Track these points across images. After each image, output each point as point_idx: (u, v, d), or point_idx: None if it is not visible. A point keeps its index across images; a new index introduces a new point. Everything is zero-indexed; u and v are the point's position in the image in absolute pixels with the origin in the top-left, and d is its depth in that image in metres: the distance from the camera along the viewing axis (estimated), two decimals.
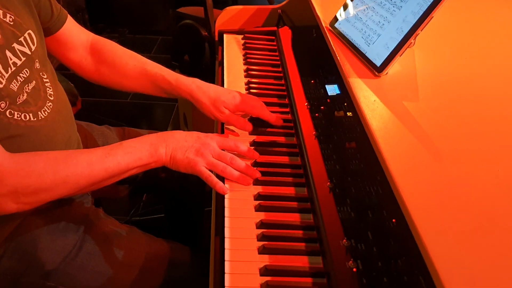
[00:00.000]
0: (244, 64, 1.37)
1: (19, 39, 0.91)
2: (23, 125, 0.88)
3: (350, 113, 1.06)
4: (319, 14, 1.20)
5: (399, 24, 0.93)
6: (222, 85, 1.28)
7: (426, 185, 0.71)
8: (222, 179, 0.94)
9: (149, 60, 1.17)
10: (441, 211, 0.66)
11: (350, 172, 0.92)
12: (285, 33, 1.48)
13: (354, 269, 0.74)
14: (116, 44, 1.21)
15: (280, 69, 1.34)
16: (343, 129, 1.03)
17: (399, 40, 0.92)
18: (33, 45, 0.95)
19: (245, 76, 1.31)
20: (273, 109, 1.17)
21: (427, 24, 0.88)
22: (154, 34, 3.76)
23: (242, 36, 1.52)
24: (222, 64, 1.38)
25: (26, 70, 0.92)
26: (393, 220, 0.80)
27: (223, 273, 0.77)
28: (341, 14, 1.11)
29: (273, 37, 1.51)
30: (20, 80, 0.90)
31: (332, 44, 1.07)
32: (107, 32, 3.74)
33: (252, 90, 1.24)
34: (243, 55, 1.41)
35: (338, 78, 1.15)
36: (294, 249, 0.81)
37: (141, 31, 3.79)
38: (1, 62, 0.85)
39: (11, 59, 0.88)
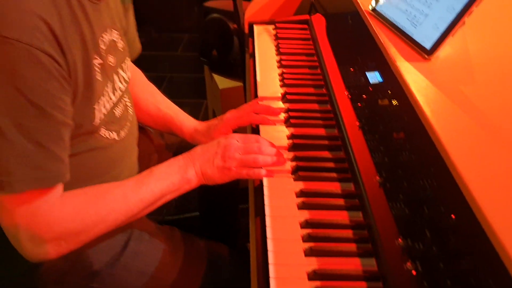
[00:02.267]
0: (277, 54, 1.31)
1: (122, 65, 0.94)
2: (107, 141, 0.90)
3: (396, 100, 0.99)
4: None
5: (449, 2, 0.85)
6: (255, 77, 1.22)
7: (492, 175, 0.63)
8: None
9: (163, 99, 1.21)
10: None
11: (401, 164, 0.84)
12: (318, 21, 1.40)
13: (413, 272, 0.67)
14: (142, 76, 1.24)
15: (315, 58, 1.27)
16: (389, 118, 0.95)
17: (451, 19, 0.84)
18: (129, 72, 0.99)
19: (279, 67, 1.25)
20: (310, 99, 1.11)
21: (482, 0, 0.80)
22: (180, 32, 3.72)
23: (273, 26, 1.45)
24: (254, 56, 1.32)
25: (126, 95, 0.97)
26: (452, 216, 0.73)
27: (268, 277, 0.71)
28: None
29: (306, 26, 1.44)
30: (120, 105, 0.94)
31: (374, 28, 0.99)
32: None
33: (286, 81, 1.17)
34: (275, 46, 1.35)
35: (380, 64, 1.07)
36: (344, 250, 0.74)
37: (167, 30, 3.77)
38: (111, 87, 0.88)
39: (117, 83, 0.91)
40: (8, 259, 0.88)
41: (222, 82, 1.98)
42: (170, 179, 0.87)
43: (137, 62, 1.37)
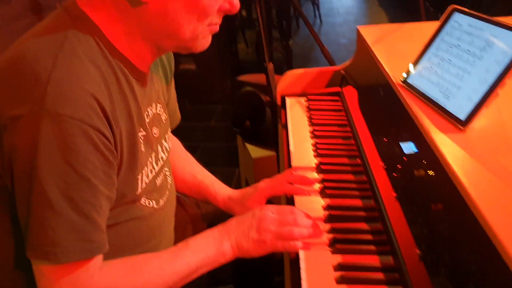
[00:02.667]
0: (310, 125, 1.33)
1: (165, 136, 0.99)
2: (148, 210, 0.92)
3: (432, 171, 0.98)
4: (388, 71, 1.15)
5: (481, 75, 0.87)
6: (288, 147, 1.24)
7: None
8: None
9: (200, 168, 1.24)
10: None
11: (441, 236, 0.82)
12: (350, 93, 1.44)
13: None
14: (180, 145, 1.28)
15: (348, 128, 1.29)
16: (426, 189, 0.94)
17: (484, 91, 0.85)
18: (169, 141, 1.03)
19: (312, 137, 1.27)
20: (345, 169, 1.12)
21: None
22: (213, 103, 3.85)
23: (305, 98, 1.49)
24: (286, 126, 1.35)
25: (167, 164, 1.01)
26: None
27: None
28: (412, 69, 1.06)
29: (338, 98, 1.47)
30: (162, 175, 0.97)
31: (406, 99, 1.01)
32: None
33: (320, 151, 1.19)
34: (308, 117, 1.38)
35: (414, 135, 1.08)
36: None
37: (200, 101, 3.91)
38: (155, 157, 0.92)
39: (160, 154, 0.95)
40: None
41: (255, 151, 2.01)
42: (205, 252, 0.88)
43: (173, 133, 1.43)
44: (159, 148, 0.95)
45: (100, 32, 0.78)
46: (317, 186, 1.06)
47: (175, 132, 1.25)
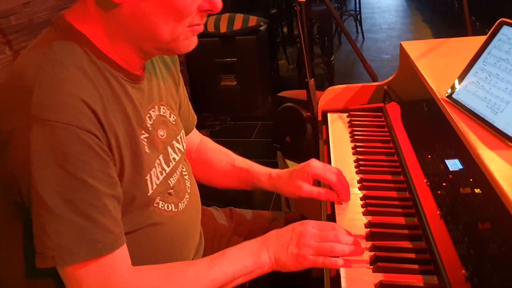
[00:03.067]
0: (352, 141, 1.32)
1: (177, 137, 1.00)
2: (166, 214, 0.93)
3: (479, 189, 0.94)
4: (432, 86, 1.13)
5: None
6: (329, 163, 1.23)
7: None
8: None
9: (237, 156, 1.22)
10: None
11: (489, 257, 0.79)
12: (393, 109, 1.41)
13: None
14: (211, 141, 1.28)
15: (391, 145, 1.26)
16: (473, 207, 0.91)
17: None
18: (184, 143, 1.04)
19: (354, 154, 1.25)
20: (388, 186, 1.09)
21: None
22: (253, 120, 3.88)
23: (347, 114, 1.48)
24: (328, 142, 1.34)
25: (181, 166, 1.01)
26: None
27: None
28: (458, 84, 1.04)
29: (380, 113, 1.45)
30: (175, 175, 0.97)
31: (451, 115, 0.99)
32: (210, 120, 3.94)
33: (362, 167, 1.17)
34: (350, 133, 1.37)
35: (460, 152, 1.05)
36: None
37: (241, 118, 3.94)
38: (164, 158, 0.93)
39: (171, 155, 0.96)
40: None
41: None
42: (243, 262, 0.87)
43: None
44: (169, 149, 0.95)
45: (87, 40, 0.80)
46: (360, 203, 1.05)
47: (194, 160, 1.25)
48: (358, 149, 1.26)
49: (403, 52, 1.45)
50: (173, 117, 1.00)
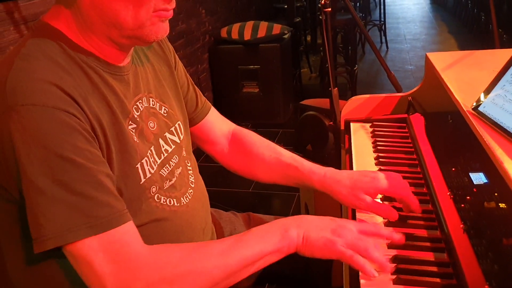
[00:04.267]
0: (374, 152, 1.31)
1: (171, 129, 1.00)
2: (168, 209, 0.93)
3: (505, 204, 0.93)
4: (458, 98, 1.12)
5: None
6: None
7: None
8: None
9: (284, 150, 1.17)
10: None
11: None
12: (417, 120, 1.40)
13: None
14: (255, 134, 1.25)
15: (414, 156, 1.26)
16: (498, 222, 0.90)
17: None
18: (181, 134, 1.03)
19: (376, 164, 1.25)
20: None
21: None
22: (274, 127, 3.89)
23: (370, 124, 1.48)
24: (350, 152, 1.34)
25: (175, 157, 0.99)
26: None
27: None
28: (484, 97, 1.03)
29: (404, 124, 1.44)
30: (169, 167, 0.96)
31: (477, 127, 0.98)
32: None
33: None
34: (373, 143, 1.36)
35: (485, 165, 1.04)
36: None
37: (262, 125, 3.96)
38: (155, 149, 0.93)
39: (163, 147, 0.96)
40: None
41: None
42: (270, 238, 0.84)
43: (230, 152, 1.38)
44: (161, 141, 0.95)
45: (61, 35, 0.82)
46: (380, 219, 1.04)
47: (232, 152, 1.21)
48: (381, 159, 1.25)
49: (429, 63, 1.44)
50: (164, 109, 0.99)
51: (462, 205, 0.98)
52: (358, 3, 6.07)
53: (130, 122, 0.88)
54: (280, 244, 0.84)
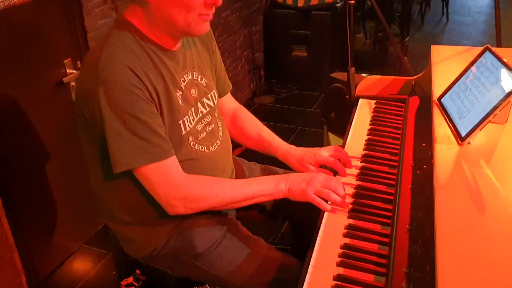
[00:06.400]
0: (370, 124, 1.64)
1: (208, 95, 1.39)
2: (200, 153, 1.33)
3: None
4: (434, 89, 1.42)
5: (485, 104, 1.13)
6: (346, 140, 1.57)
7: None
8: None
9: (265, 128, 1.57)
10: None
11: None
12: (413, 102, 1.70)
13: None
14: (249, 113, 1.63)
15: (400, 131, 1.57)
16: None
17: (482, 116, 1.11)
18: (215, 100, 1.42)
19: (367, 134, 1.57)
20: (383, 162, 1.42)
21: (503, 107, 1.06)
22: (317, 91, 4.17)
23: (375, 101, 1.79)
24: (351, 123, 1.67)
25: (209, 117, 1.38)
26: None
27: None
28: (447, 91, 1.32)
29: (403, 104, 1.74)
30: (203, 123, 1.36)
31: (434, 116, 1.29)
32: (277, 87, 4.29)
33: (368, 146, 1.50)
34: (371, 117, 1.68)
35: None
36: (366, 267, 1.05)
37: (306, 88, 4.26)
38: (194, 110, 1.32)
39: (200, 109, 1.35)
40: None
41: (335, 141, 2.34)
42: (266, 186, 1.25)
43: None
44: (199, 104, 1.33)
45: (134, 28, 1.20)
46: (355, 171, 1.39)
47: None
48: (372, 130, 1.58)
49: (431, 54, 1.72)
50: (204, 81, 1.36)
51: (418, 172, 1.30)
52: None
53: (177, 90, 1.26)
54: (272, 191, 1.26)
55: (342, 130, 2.34)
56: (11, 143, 1.99)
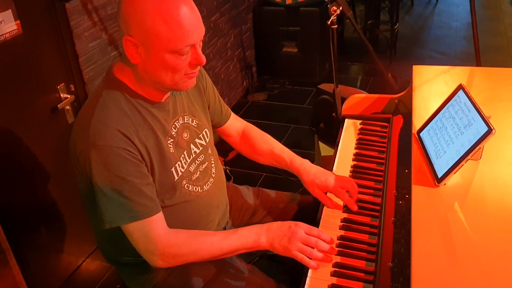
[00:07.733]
0: (355, 148, 1.71)
1: (199, 135, 1.44)
2: (194, 194, 1.39)
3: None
4: (414, 120, 1.49)
5: (459, 147, 1.19)
6: (333, 165, 1.64)
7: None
8: None
9: (276, 143, 1.63)
10: None
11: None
12: (397, 121, 1.76)
13: None
14: (258, 130, 1.69)
15: (384, 155, 1.64)
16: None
17: (456, 160, 1.18)
18: (207, 138, 1.48)
19: (353, 160, 1.65)
20: (368, 192, 1.49)
21: (475, 153, 1.14)
22: (309, 85, 4.21)
23: (361, 121, 1.85)
24: (337, 145, 1.74)
25: (201, 156, 1.44)
26: None
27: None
28: (426, 125, 1.39)
29: (387, 124, 1.81)
30: (196, 163, 1.41)
31: (413, 151, 1.36)
32: (270, 83, 4.34)
33: (354, 174, 1.57)
34: (357, 140, 1.75)
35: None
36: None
37: (299, 83, 4.31)
38: (187, 152, 1.38)
39: (193, 149, 1.41)
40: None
41: (325, 150, 2.42)
42: (245, 240, 1.29)
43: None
44: (192, 146, 1.38)
45: (124, 85, 1.25)
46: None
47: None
48: (358, 156, 1.65)
49: (413, 74, 1.78)
50: (195, 122, 1.41)
51: (400, 202, 1.38)
52: None
53: (168, 138, 1.32)
54: (252, 245, 1.29)
55: (332, 140, 2.42)
56: (9, 169, 2.06)
